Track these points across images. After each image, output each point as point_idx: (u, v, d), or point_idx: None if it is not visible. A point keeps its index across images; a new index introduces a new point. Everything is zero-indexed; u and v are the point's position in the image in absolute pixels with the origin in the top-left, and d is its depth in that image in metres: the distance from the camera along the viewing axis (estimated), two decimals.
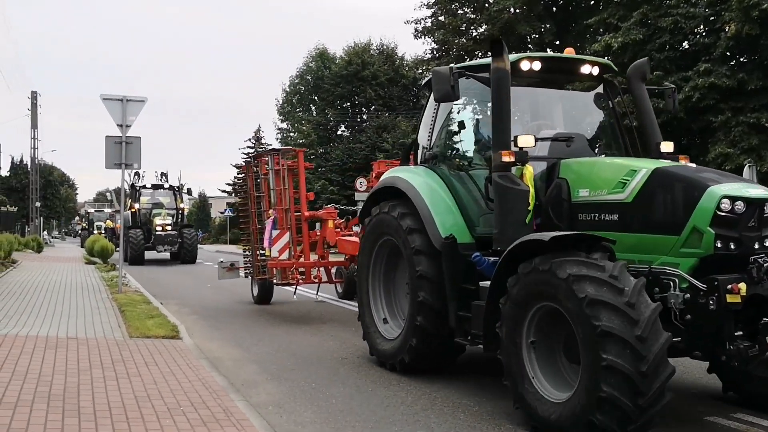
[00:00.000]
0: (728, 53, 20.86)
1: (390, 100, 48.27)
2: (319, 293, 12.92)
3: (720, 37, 19.95)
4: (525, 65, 6.72)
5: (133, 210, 29.16)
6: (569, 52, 7.36)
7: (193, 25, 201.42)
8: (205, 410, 5.48)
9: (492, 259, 6.17)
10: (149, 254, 27.73)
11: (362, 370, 7.63)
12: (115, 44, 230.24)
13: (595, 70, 7.13)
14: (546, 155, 6.57)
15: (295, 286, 12.35)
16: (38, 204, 51.75)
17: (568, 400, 5.09)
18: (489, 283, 5.94)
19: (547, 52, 30.40)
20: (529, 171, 6.11)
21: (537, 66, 6.79)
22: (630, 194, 5.68)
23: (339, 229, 12.35)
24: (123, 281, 14.77)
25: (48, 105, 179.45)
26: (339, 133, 51.84)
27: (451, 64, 6.74)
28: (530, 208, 5.97)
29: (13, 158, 68.90)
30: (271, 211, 12.01)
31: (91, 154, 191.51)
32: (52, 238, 73.53)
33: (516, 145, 6.11)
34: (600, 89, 7.47)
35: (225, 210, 54.79)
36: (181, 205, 31.05)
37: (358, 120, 50.78)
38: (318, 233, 12.56)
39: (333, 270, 12.63)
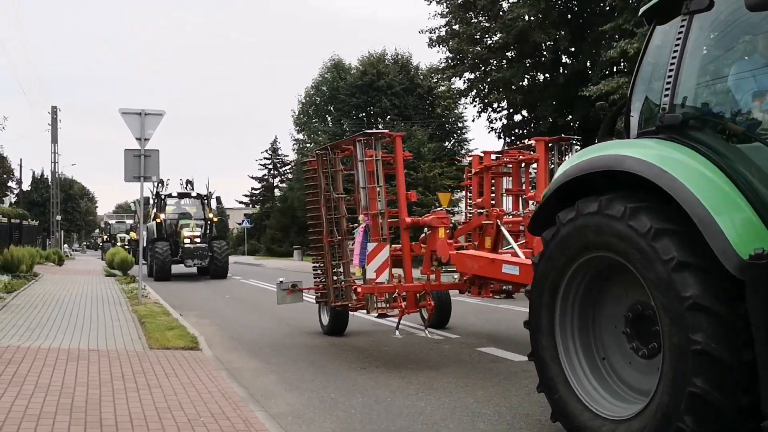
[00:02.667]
0: None
1: (405, 110, 48.45)
2: (428, 328, 9.97)
3: None
4: None
5: (158, 220, 26.89)
6: None
7: (207, 39, 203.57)
8: (225, 421, 5.50)
9: None
10: (175, 268, 25.69)
11: (381, 380, 7.62)
12: (133, 58, 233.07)
13: None
14: None
15: (398, 318, 9.35)
16: (59, 217, 52.58)
17: None
18: None
19: (562, 59, 30.29)
20: None
21: None
22: None
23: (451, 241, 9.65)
24: (143, 293, 14.91)
25: (68, 119, 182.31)
26: None
27: None
28: None
29: (34, 172, 70.48)
30: (361, 217, 9.12)
31: (110, 168, 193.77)
32: (73, 251, 74.45)
33: None
34: None
35: (242, 221, 55.27)
36: (210, 215, 28.36)
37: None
38: (423, 246, 9.95)
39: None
